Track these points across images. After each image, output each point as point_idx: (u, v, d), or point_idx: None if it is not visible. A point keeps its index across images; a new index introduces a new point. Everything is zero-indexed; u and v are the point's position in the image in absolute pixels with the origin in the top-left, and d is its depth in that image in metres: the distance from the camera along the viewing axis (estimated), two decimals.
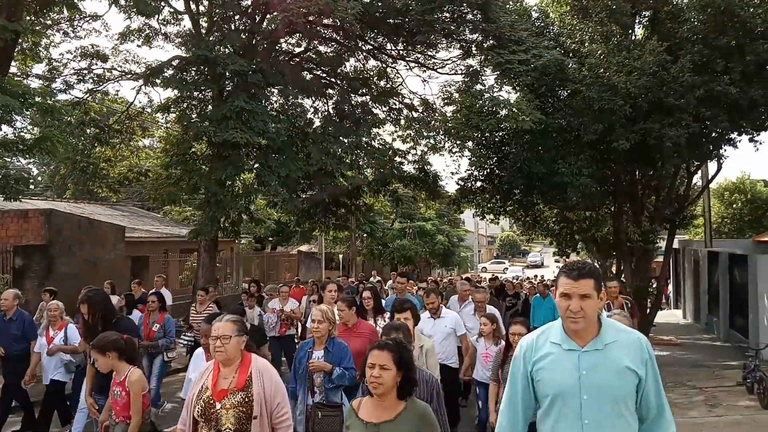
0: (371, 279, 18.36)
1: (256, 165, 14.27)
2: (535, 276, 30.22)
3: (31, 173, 33.86)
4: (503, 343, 5.70)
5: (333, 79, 16.06)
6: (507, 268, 50.83)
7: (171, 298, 11.15)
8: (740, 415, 8.62)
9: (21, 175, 11.52)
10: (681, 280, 22.60)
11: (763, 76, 12.24)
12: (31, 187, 33.81)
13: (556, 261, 50.22)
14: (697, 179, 18.59)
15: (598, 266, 3.19)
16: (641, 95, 12.20)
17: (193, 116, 14.08)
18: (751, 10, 11.85)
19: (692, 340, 16.66)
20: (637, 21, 14.62)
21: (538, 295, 11.76)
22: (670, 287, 25.68)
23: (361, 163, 16.48)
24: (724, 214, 25.10)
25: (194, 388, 3.58)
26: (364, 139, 15.25)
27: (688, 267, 20.88)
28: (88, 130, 16.07)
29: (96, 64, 15.66)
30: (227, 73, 12.98)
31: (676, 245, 22.01)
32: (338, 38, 15.47)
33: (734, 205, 25.06)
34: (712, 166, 16.53)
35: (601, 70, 12.56)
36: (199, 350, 5.02)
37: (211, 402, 3.43)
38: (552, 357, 2.68)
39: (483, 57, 14.03)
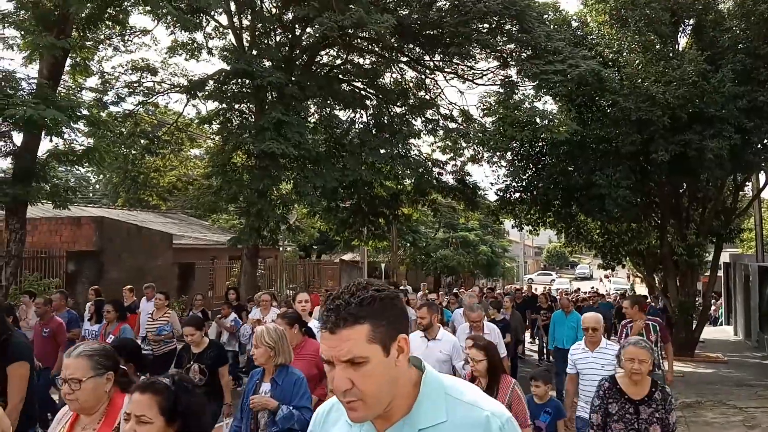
0: (400, 287, 18.32)
1: (294, 175, 14.58)
2: (578, 289, 29.62)
3: (90, 181, 35.52)
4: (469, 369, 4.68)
5: (371, 91, 16.28)
6: (554, 280, 49.97)
7: None
8: None
9: (70, 185, 12.08)
10: (732, 296, 21.76)
11: None
12: (90, 195, 35.45)
13: (606, 276, 49.18)
14: (748, 190, 17.97)
15: (391, 290, 1.55)
16: (680, 105, 11.94)
17: (233, 127, 14.51)
18: None
19: (740, 358, 16.05)
20: (680, 29, 14.34)
21: (560, 310, 10.40)
22: (719, 303, 24.76)
23: (399, 172, 16.61)
24: None
25: None
26: (399, 149, 15.33)
27: (739, 282, 20.10)
28: (142, 141, 16.73)
29: (146, 77, 16.31)
30: (267, 86, 13.36)
31: (726, 259, 21.25)
32: (376, 50, 15.70)
33: None
34: (762, 177, 15.99)
35: (639, 80, 12.34)
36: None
37: None
38: None
39: (519, 68, 13.99)
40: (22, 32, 10.95)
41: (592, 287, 33.40)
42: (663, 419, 3.91)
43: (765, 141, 12.57)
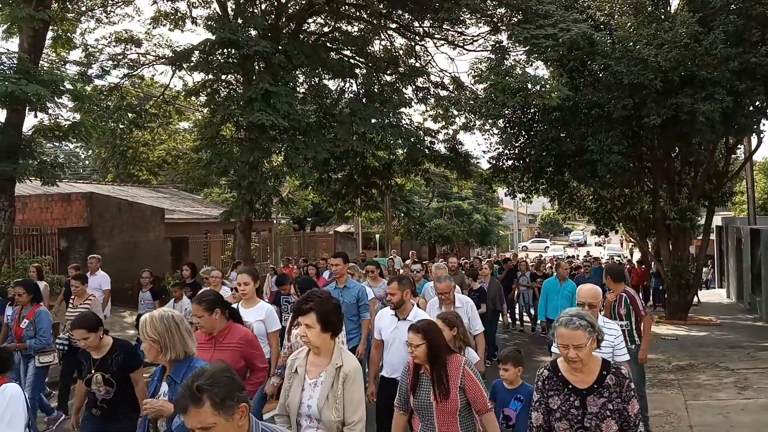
0: (390, 257, 18.23)
1: (284, 147, 14.42)
2: (576, 256, 29.76)
3: (79, 157, 35.18)
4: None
5: (360, 59, 16.02)
6: (548, 247, 50.30)
7: (109, 282, 9.51)
8: None
9: (58, 161, 11.91)
10: (725, 259, 21.91)
11: None
12: (80, 171, 35.14)
13: (597, 243, 49.38)
14: (740, 153, 17.95)
15: None
16: (672, 68, 11.79)
17: (221, 99, 14.28)
18: None
19: (733, 320, 16.20)
20: None
21: (554, 276, 9.46)
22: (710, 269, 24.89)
23: (390, 142, 16.47)
24: None
25: None
26: (390, 119, 15.14)
27: (732, 245, 20.22)
28: (129, 114, 16.51)
29: (130, 49, 16.03)
30: (254, 55, 13.10)
31: (719, 223, 21.34)
32: (364, 17, 15.42)
33: None
34: (754, 140, 15.94)
35: (631, 44, 12.18)
36: None
37: None
38: None
39: (510, 32, 13.76)
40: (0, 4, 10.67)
41: (587, 252, 33.55)
42: (619, 411, 2.98)
43: (757, 103, 12.45)
